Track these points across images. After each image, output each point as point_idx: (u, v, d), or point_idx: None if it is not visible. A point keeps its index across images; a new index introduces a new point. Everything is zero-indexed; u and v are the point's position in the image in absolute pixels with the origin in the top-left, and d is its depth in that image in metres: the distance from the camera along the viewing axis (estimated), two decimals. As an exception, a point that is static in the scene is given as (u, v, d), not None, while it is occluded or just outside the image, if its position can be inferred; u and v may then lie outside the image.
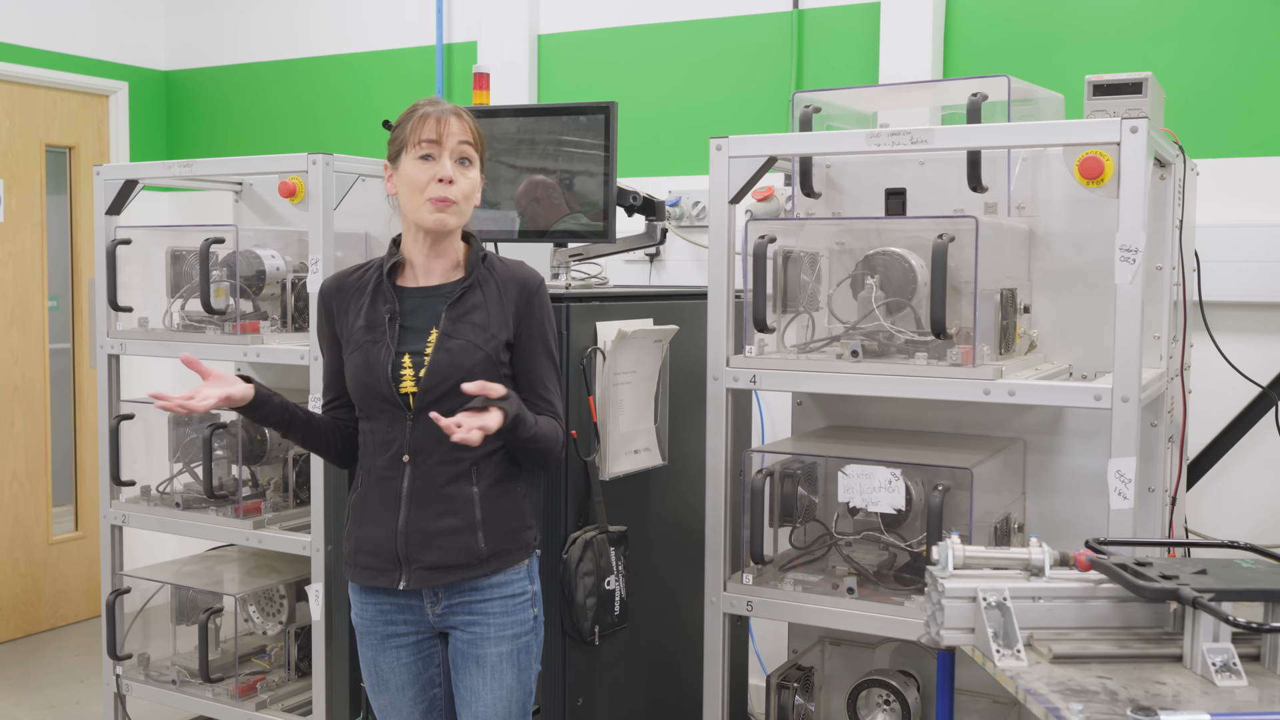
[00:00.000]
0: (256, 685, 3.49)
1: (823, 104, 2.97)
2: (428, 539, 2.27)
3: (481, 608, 2.30)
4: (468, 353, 2.25)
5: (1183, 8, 3.54)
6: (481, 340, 2.26)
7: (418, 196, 2.25)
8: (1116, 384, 2.31)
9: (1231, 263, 3.37)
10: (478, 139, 2.30)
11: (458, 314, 2.28)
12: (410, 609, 2.33)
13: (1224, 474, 3.49)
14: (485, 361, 2.26)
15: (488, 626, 2.29)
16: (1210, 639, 1.75)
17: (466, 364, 2.24)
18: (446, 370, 2.24)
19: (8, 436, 5.02)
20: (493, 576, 2.30)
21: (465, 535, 2.27)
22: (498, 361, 2.27)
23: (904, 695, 2.79)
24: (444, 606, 2.31)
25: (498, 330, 2.28)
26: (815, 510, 2.79)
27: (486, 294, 2.30)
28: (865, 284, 2.58)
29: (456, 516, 2.27)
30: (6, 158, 4.99)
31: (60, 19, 5.16)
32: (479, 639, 2.30)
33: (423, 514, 2.27)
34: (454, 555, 2.27)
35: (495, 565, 2.29)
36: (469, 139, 2.27)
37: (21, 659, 4.84)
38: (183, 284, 3.51)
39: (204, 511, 3.51)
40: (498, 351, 2.27)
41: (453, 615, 2.31)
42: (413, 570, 2.28)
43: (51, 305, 5.23)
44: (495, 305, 2.29)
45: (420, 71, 4.84)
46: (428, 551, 2.27)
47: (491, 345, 2.27)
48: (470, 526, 2.27)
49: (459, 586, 2.29)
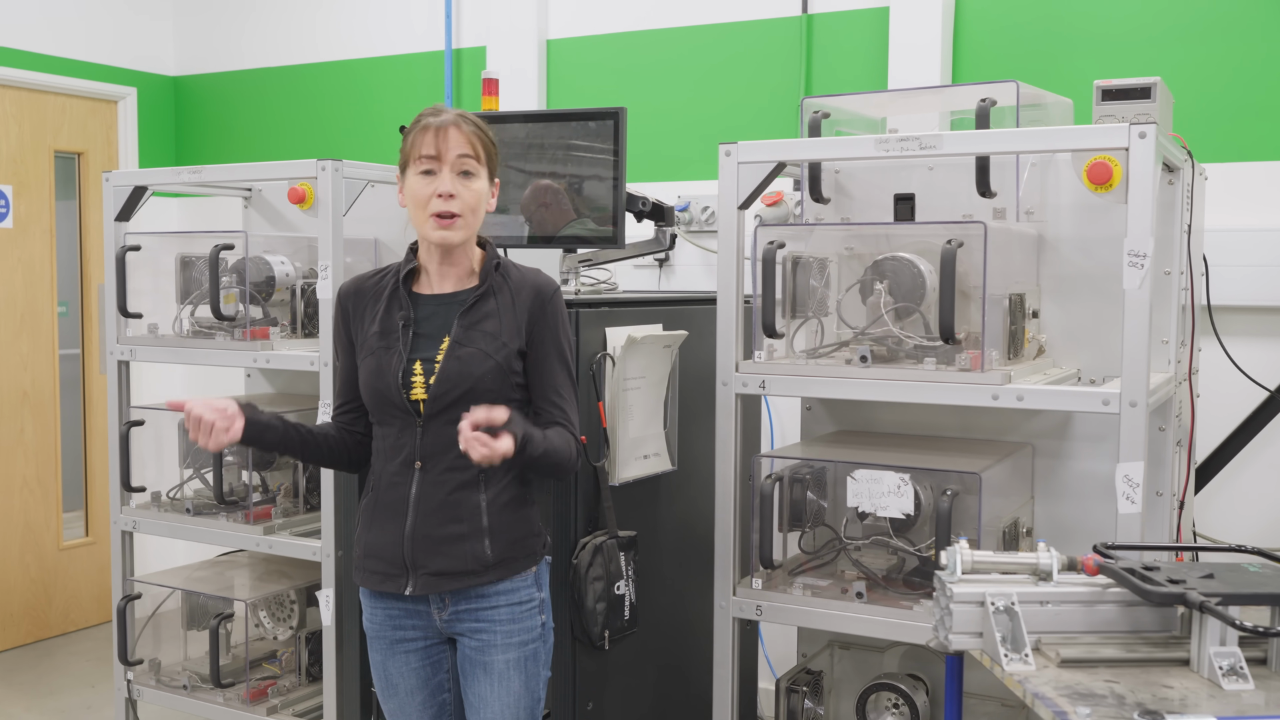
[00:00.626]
0: (267, 690, 3.50)
1: (832, 109, 2.98)
2: (434, 545, 2.28)
3: (488, 615, 2.30)
4: (478, 361, 2.26)
5: (1191, 12, 3.55)
6: (493, 349, 2.27)
7: (421, 212, 2.26)
8: (1125, 389, 2.31)
9: (1240, 267, 3.37)
10: (480, 148, 2.27)
11: (470, 322, 2.29)
12: (418, 614, 2.35)
13: (1232, 478, 3.49)
14: (496, 370, 2.26)
15: (495, 634, 2.30)
16: (1217, 643, 1.75)
17: (477, 372, 2.25)
18: (456, 378, 2.25)
19: (18, 442, 5.04)
20: (499, 584, 2.30)
21: (471, 542, 2.28)
22: (509, 370, 2.27)
23: (913, 699, 2.79)
24: (451, 613, 2.32)
25: (509, 339, 2.28)
26: (824, 515, 2.79)
27: (500, 302, 2.30)
28: (874, 289, 2.58)
29: (463, 523, 2.28)
30: (16, 164, 5.01)
31: (69, 24, 5.18)
32: (486, 646, 2.30)
33: (429, 520, 2.28)
34: (459, 562, 2.27)
35: (501, 573, 2.30)
36: (469, 150, 2.25)
37: (32, 664, 4.86)
38: (192, 290, 3.52)
39: (214, 517, 3.52)
40: (509, 360, 2.27)
41: (460, 622, 2.32)
42: (419, 576, 2.29)
43: (61, 311, 5.25)
44: (508, 313, 2.29)
45: (428, 77, 4.86)
46: (433, 557, 2.28)
47: (503, 354, 2.27)
48: (476, 533, 2.28)
49: (466, 593, 2.30)
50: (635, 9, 4.41)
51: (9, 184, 4.98)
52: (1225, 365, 3.37)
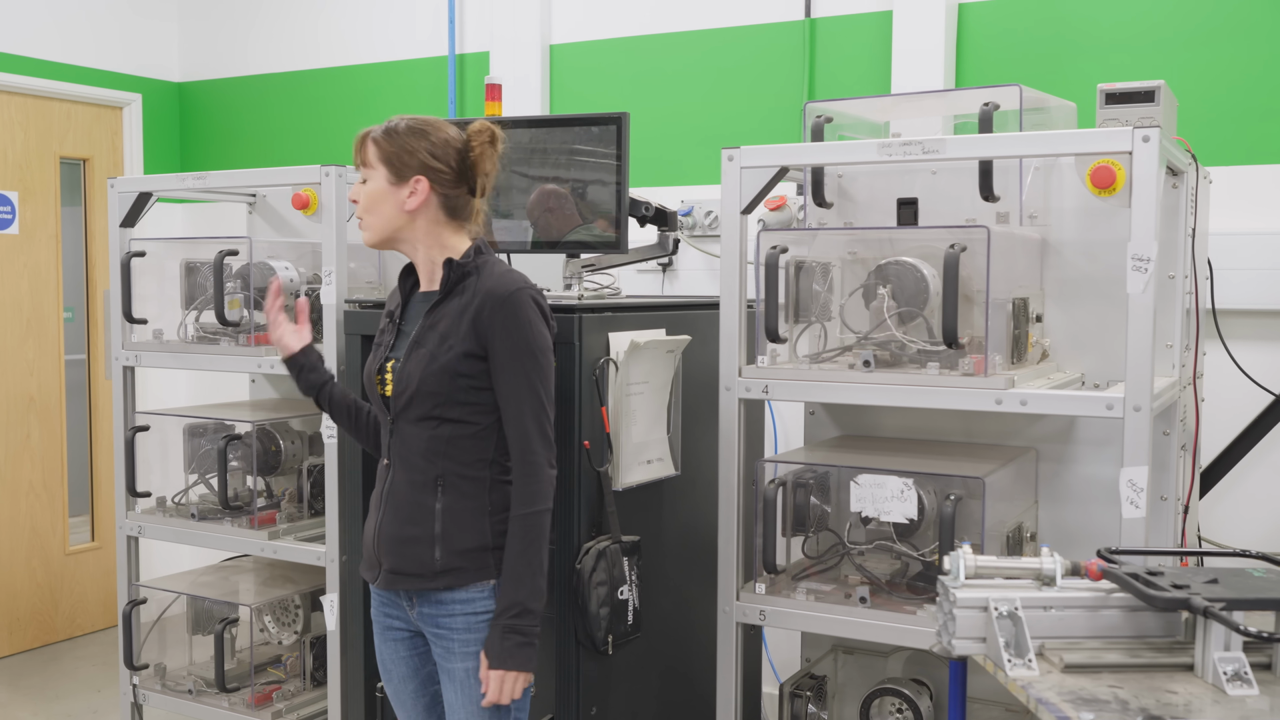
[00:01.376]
0: (272, 695, 3.51)
1: (834, 114, 2.98)
2: (393, 544, 2.34)
3: (446, 621, 2.33)
4: (424, 362, 2.29)
5: (1195, 16, 3.54)
6: (439, 351, 2.28)
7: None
8: (1129, 393, 2.31)
9: (1245, 270, 3.36)
10: (367, 151, 2.33)
11: (430, 323, 2.33)
12: (398, 605, 2.42)
13: (1238, 482, 3.49)
14: (440, 373, 2.27)
15: (452, 641, 2.33)
16: (1221, 648, 1.75)
17: (420, 374, 2.28)
18: (405, 379, 2.31)
19: (24, 448, 5.05)
20: (454, 592, 2.31)
21: (421, 546, 2.31)
22: (456, 373, 2.26)
23: (917, 704, 2.79)
24: (418, 612, 2.37)
25: (456, 341, 2.27)
26: (828, 520, 2.79)
27: (461, 303, 2.30)
28: (877, 294, 2.58)
29: (417, 526, 2.31)
30: (21, 170, 5.03)
31: (75, 31, 5.20)
32: (448, 652, 2.34)
33: (393, 518, 2.34)
34: (408, 564, 2.32)
35: (450, 581, 2.30)
36: (364, 156, 2.34)
37: (39, 669, 4.87)
38: (197, 296, 3.53)
39: (219, 522, 3.53)
40: (455, 362, 2.26)
41: (424, 623, 2.37)
42: (383, 572, 2.37)
43: (67, 317, 5.27)
44: (462, 315, 2.29)
45: (431, 82, 4.87)
46: (390, 556, 2.35)
47: (448, 356, 2.26)
48: (428, 538, 2.30)
49: (426, 596, 2.34)
50: (638, 14, 4.42)
51: (15, 190, 5.00)
52: (1230, 369, 3.37)
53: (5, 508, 4.98)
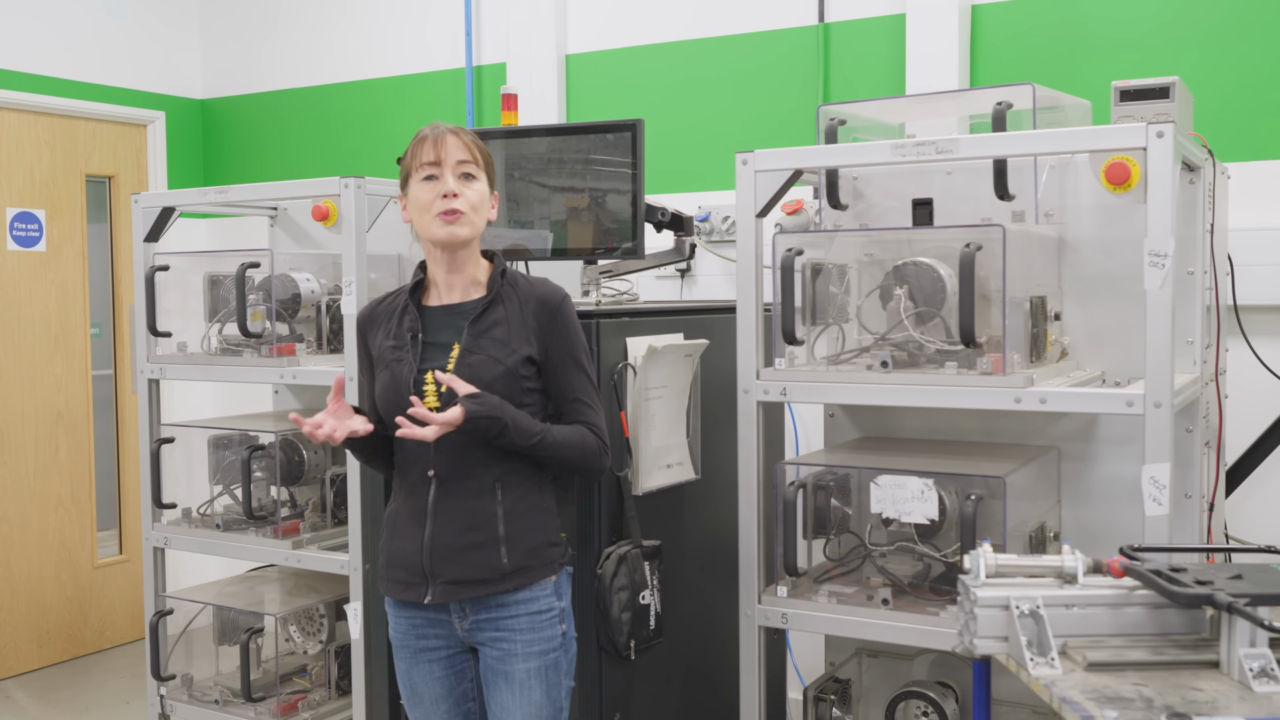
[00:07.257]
0: (298, 704, 3.52)
1: (848, 116, 2.98)
2: (451, 554, 2.31)
3: (508, 624, 2.32)
4: (489, 367, 2.29)
5: (1210, 11, 3.53)
6: (502, 355, 2.30)
7: (426, 215, 2.32)
8: (1149, 390, 2.29)
9: (1266, 266, 3.33)
10: (477, 155, 2.36)
11: (479, 330, 2.33)
12: (440, 623, 2.37)
13: (1266, 478, 3.45)
14: (506, 375, 2.30)
15: (515, 643, 2.32)
16: (1247, 644, 1.73)
17: (487, 378, 2.29)
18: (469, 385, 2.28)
19: (53, 462, 5.11)
20: (518, 593, 2.32)
21: (487, 550, 2.30)
22: (518, 375, 2.31)
23: (942, 706, 2.78)
24: (471, 622, 2.34)
25: (518, 345, 2.32)
26: (849, 522, 2.78)
27: (509, 310, 2.35)
28: (894, 294, 2.58)
29: (479, 532, 2.30)
30: (48, 188, 5.09)
31: (99, 51, 5.27)
32: (507, 655, 2.32)
33: (447, 529, 2.31)
34: (476, 570, 2.30)
35: (518, 581, 2.31)
36: (467, 155, 2.33)
37: (69, 681, 4.91)
38: (220, 308, 3.56)
39: (244, 533, 3.55)
40: (518, 366, 2.31)
41: (480, 631, 2.34)
42: (438, 585, 2.32)
43: (94, 332, 5.32)
44: (516, 321, 2.34)
45: (448, 94, 4.90)
46: (450, 566, 2.31)
47: (512, 360, 2.30)
48: (493, 542, 2.30)
49: (485, 602, 2.32)
50: (653, 23, 4.43)
51: (42, 208, 5.06)
52: (1254, 365, 3.34)
53: (35, 522, 5.03)
